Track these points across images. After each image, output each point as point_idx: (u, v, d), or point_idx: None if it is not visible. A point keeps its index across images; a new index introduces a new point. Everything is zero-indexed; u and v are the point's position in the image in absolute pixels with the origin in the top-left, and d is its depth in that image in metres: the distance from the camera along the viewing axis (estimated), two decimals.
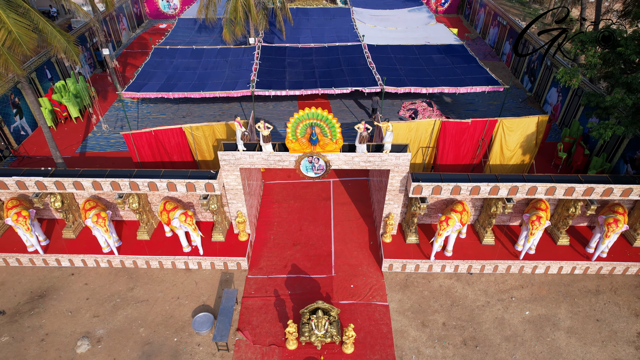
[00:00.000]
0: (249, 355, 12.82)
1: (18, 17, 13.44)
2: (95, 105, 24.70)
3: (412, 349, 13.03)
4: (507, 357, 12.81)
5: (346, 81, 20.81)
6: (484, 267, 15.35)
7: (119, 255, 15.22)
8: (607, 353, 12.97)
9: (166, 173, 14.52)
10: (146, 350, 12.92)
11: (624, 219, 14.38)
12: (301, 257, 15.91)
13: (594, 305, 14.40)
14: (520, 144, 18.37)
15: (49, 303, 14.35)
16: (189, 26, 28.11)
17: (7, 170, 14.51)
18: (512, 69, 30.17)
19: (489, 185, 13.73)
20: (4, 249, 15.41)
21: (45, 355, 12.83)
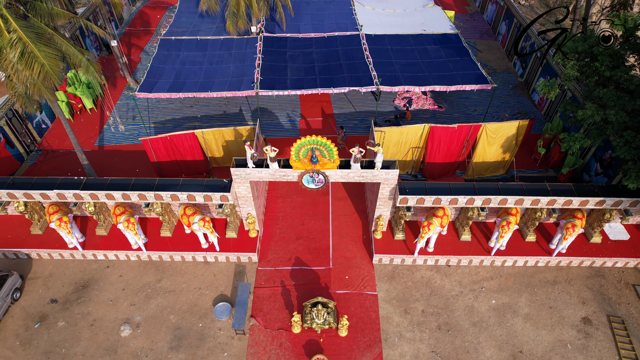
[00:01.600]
0: (261, 338, 15.78)
1: (47, 49, 14.98)
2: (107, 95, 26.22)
3: (395, 333, 15.98)
4: (473, 340, 15.78)
5: (344, 79, 22.29)
6: (461, 261, 18.01)
7: (146, 251, 17.80)
8: (554, 335, 15.94)
9: (185, 182, 16.74)
10: (177, 334, 15.87)
11: (582, 222, 16.78)
12: (303, 250, 18.53)
13: (550, 294, 17.21)
14: (501, 145, 20.38)
15: (92, 293, 17.15)
16: (191, 10, 28.80)
17: (47, 180, 16.68)
18: (506, 51, 31.22)
19: (465, 197, 15.99)
20: (48, 245, 17.97)
21: (95, 337, 15.79)
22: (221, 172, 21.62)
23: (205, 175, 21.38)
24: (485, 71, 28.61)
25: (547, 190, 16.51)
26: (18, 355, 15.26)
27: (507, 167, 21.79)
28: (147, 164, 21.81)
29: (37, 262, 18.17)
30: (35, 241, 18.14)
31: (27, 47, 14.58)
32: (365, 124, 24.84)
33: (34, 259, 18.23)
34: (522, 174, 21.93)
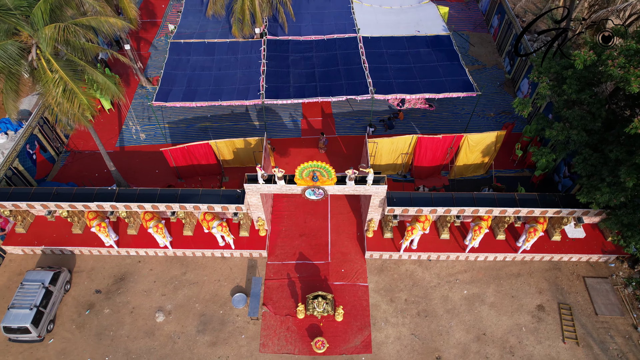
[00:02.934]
0: (272, 322, 19.37)
1: (84, 84, 17.39)
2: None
3: (382, 318, 19.54)
4: (446, 324, 19.38)
5: (342, 86, 24.53)
6: (439, 257, 21.32)
7: (172, 249, 21.06)
8: (513, 320, 19.52)
9: (204, 192, 19.69)
10: (202, 320, 19.44)
11: (542, 227, 19.89)
12: (306, 246, 21.79)
13: (513, 285, 20.65)
14: (481, 151, 23.11)
15: (128, 284, 20.59)
16: (197, 8, 30.32)
17: (85, 190, 19.60)
18: (497, 45, 32.99)
19: (443, 208, 18.99)
20: (88, 243, 21.20)
21: (136, 323, 19.38)
22: (232, 172, 24.48)
23: (218, 177, 24.23)
24: (476, 67, 30.91)
25: (515, 200, 19.49)
26: (76, 337, 18.90)
27: (487, 168, 24.59)
28: (166, 164, 24.57)
29: (79, 257, 21.48)
30: (77, 239, 21.35)
31: (67, 85, 17.01)
32: (361, 124, 27.34)
33: (77, 255, 21.53)
34: (500, 174, 24.78)
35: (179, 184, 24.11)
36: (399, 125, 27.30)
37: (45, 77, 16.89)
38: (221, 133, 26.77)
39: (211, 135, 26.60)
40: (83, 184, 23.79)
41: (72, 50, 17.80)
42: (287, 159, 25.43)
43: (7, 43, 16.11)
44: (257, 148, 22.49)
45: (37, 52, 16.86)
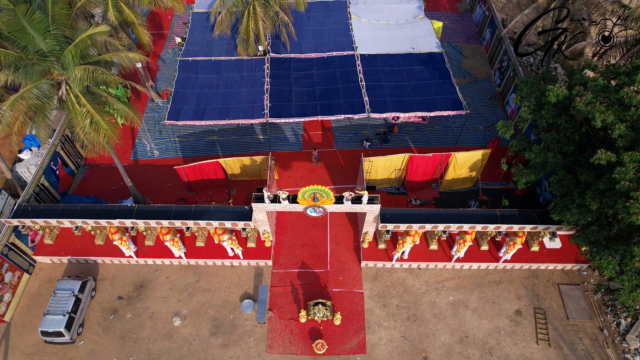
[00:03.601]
0: (277, 326, 21.83)
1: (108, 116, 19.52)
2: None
3: (376, 322, 22.00)
4: (432, 328, 21.84)
5: (340, 105, 26.52)
6: (428, 265, 23.69)
7: (186, 259, 23.42)
8: (493, 324, 21.98)
9: (215, 209, 21.96)
10: (215, 324, 21.91)
11: (521, 240, 22.18)
12: (307, 256, 24.14)
13: (494, 292, 23.07)
14: (468, 167, 25.29)
15: (147, 291, 23.01)
16: (203, 24, 32.11)
17: (107, 207, 21.87)
18: (489, 57, 34.85)
19: (430, 224, 21.28)
20: (109, 253, 23.55)
21: (155, 326, 21.85)
22: (239, 185, 26.69)
23: (226, 190, 26.44)
24: (468, 79, 32.92)
25: (497, 216, 21.77)
26: (103, 339, 21.39)
27: (474, 181, 26.80)
28: (178, 178, 26.72)
29: (102, 266, 23.87)
30: (99, 250, 23.71)
31: (94, 117, 19.13)
32: (359, 138, 29.45)
33: (100, 264, 23.91)
34: (487, 187, 27.00)
35: (190, 197, 26.35)
36: (393, 138, 29.42)
37: (74, 110, 19.00)
38: (228, 146, 28.92)
39: (219, 148, 28.75)
40: (111, 197, 25.99)
41: (97, 83, 19.87)
42: (289, 172, 27.62)
43: (42, 82, 18.17)
44: (263, 165, 24.66)
45: (67, 87, 18.93)
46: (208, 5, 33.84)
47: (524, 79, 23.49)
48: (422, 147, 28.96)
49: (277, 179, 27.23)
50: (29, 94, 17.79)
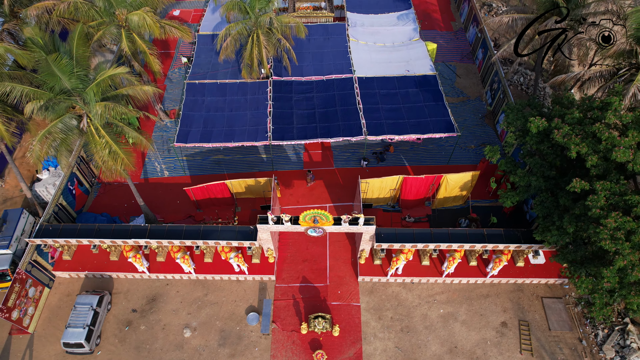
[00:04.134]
0: (280, 337, 23.73)
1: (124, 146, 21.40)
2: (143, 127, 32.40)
3: (371, 334, 23.90)
4: (424, 339, 23.74)
5: (339, 127, 28.38)
6: (421, 280, 25.58)
7: (195, 274, 25.32)
8: (480, 335, 23.88)
9: (223, 229, 23.84)
10: (222, 335, 23.81)
11: (507, 257, 24.06)
12: (308, 271, 26.03)
13: (482, 305, 24.96)
14: (459, 187, 27.16)
15: (159, 304, 24.90)
16: (208, 47, 33.99)
17: (122, 227, 23.76)
18: (481, 76, 36.69)
19: (422, 244, 23.16)
20: (123, 269, 25.43)
21: (167, 337, 23.75)
22: (243, 203, 28.57)
23: (232, 209, 28.32)
24: (461, 99, 34.82)
25: (484, 235, 23.66)
26: (119, 350, 23.30)
27: (465, 199, 28.67)
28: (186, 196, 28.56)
29: (117, 280, 25.76)
30: (114, 266, 25.60)
31: (112, 147, 21.01)
32: (356, 157, 31.31)
33: (114, 279, 25.80)
34: (477, 204, 28.87)
35: (198, 214, 28.23)
36: (389, 157, 31.29)
37: (94, 141, 20.87)
38: (233, 165, 30.80)
39: (224, 167, 30.63)
40: (124, 216, 27.86)
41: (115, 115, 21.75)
42: (291, 190, 29.51)
43: (66, 116, 20.05)
44: (266, 187, 26.56)
45: (88, 120, 20.79)
46: (213, 28, 35.77)
47: (511, 104, 25.36)
48: (417, 165, 30.85)
49: (280, 197, 29.10)
50: (55, 128, 19.67)
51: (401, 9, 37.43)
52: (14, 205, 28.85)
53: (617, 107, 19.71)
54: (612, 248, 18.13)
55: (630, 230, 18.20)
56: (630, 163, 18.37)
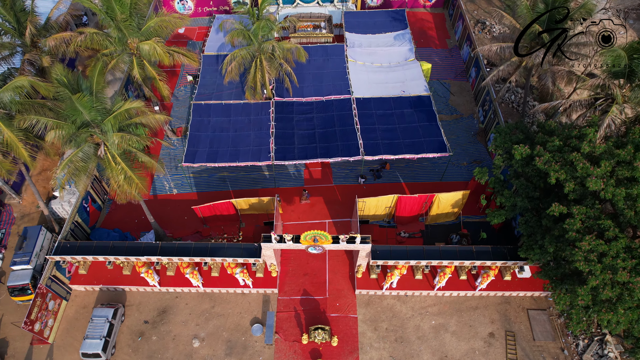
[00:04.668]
0: (283, 347, 25.63)
1: (139, 171, 23.28)
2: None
3: (368, 344, 25.80)
4: (417, 349, 25.63)
5: (337, 147, 30.22)
6: (414, 293, 27.47)
7: (202, 288, 27.22)
8: (469, 345, 25.77)
9: (229, 246, 25.74)
10: (229, 345, 25.71)
11: (494, 272, 25.91)
12: (308, 284, 27.92)
13: (471, 316, 26.85)
14: (451, 205, 29.03)
15: (169, 316, 26.80)
16: (213, 67, 35.84)
17: (134, 244, 25.63)
18: (474, 94, 38.52)
19: (415, 260, 25.04)
20: (135, 282, 27.31)
21: (177, 347, 25.65)
22: (247, 219, 30.42)
23: (237, 225, 30.19)
24: (454, 116, 36.67)
25: (473, 252, 25.54)
26: (132, 359, 25.21)
27: (457, 215, 30.54)
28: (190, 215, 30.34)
29: (129, 293, 27.65)
30: (126, 279, 27.48)
31: (127, 173, 22.89)
32: (354, 174, 33.16)
33: (127, 292, 27.69)
34: (468, 219, 30.73)
35: (204, 230, 30.12)
36: (386, 174, 33.15)
37: (110, 167, 22.75)
38: (237, 182, 32.67)
39: (229, 184, 32.50)
40: (135, 232, 29.76)
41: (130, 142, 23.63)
42: (292, 207, 31.38)
43: (86, 145, 21.93)
44: (269, 205, 28.46)
45: (105, 148, 22.66)
46: (217, 49, 37.61)
47: (499, 128, 27.23)
48: (412, 182, 32.71)
49: (282, 213, 30.97)
50: (76, 157, 21.56)
51: (398, 29, 39.22)
52: (32, 221, 30.75)
53: (592, 138, 21.58)
54: (585, 269, 20.01)
55: (602, 252, 20.06)
56: (602, 191, 20.22)
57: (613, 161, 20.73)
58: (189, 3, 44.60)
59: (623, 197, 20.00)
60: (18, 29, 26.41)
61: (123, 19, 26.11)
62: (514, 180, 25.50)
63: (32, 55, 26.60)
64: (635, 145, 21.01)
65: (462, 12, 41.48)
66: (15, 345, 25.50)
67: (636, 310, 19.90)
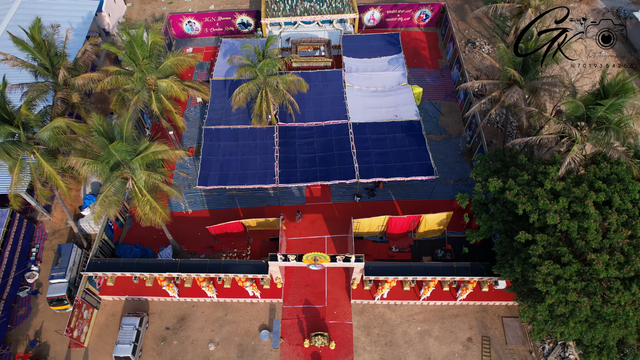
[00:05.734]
0: (287, 350, 29.79)
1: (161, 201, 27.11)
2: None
3: (361, 347, 29.93)
4: (404, 352, 29.76)
5: (335, 171, 33.96)
6: (402, 302, 31.53)
7: (216, 298, 31.28)
8: (449, 348, 29.90)
9: (240, 263, 29.72)
10: (240, 349, 29.86)
11: (472, 285, 29.90)
12: (309, 294, 31.97)
13: (452, 323, 30.94)
14: (437, 224, 32.92)
15: (188, 323, 30.91)
16: (221, 92, 39.39)
17: (156, 262, 29.60)
18: (462, 114, 42.09)
19: (402, 276, 29.01)
20: (157, 293, 31.37)
21: (195, 351, 29.81)
22: (255, 234, 34.33)
23: (246, 240, 34.13)
24: (443, 136, 40.31)
25: (454, 268, 29.50)
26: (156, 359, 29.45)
27: (442, 232, 34.44)
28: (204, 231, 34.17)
29: (152, 303, 31.73)
30: (149, 290, 31.55)
31: (152, 204, 26.73)
32: (350, 192, 36.98)
33: (150, 301, 31.77)
34: (452, 235, 34.64)
35: (216, 245, 34.07)
36: (379, 193, 36.96)
37: (137, 198, 26.56)
38: (245, 199, 36.50)
39: (237, 202, 36.35)
40: (155, 248, 33.73)
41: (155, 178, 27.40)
42: (295, 223, 35.27)
43: (117, 180, 25.72)
44: (275, 225, 32.37)
45: (133, 183, 26.45)
46: (225, 73, 41.13)
47: (480, 156, 30.98)
48: (403, 200, 36.53)
49: (285, 229, 34.88)
50: (109, 192, 25.38)
51: (392, 53, 42.59)
52: (62, 236, 34.72)
53: (554, 176, 25.31)
54: (544, 289, 23.95)
55: (558, 275, 23.97)
56: (559, 224, 24.04)
57: (570, 197, 24.52)
58: (196, 24, 47.89)
59: (576, 229, 23.82)
60: (52, 71, 29.98)
61: (145, 63, 29.67)
62: (491, 205, 29.29)
63: (64, 93, 30.20)
64: (590, 184, 24.78)
65: (453, 34, 44.80)
66: (55, 348, 29.67)
67: (584, 324, 23.87)
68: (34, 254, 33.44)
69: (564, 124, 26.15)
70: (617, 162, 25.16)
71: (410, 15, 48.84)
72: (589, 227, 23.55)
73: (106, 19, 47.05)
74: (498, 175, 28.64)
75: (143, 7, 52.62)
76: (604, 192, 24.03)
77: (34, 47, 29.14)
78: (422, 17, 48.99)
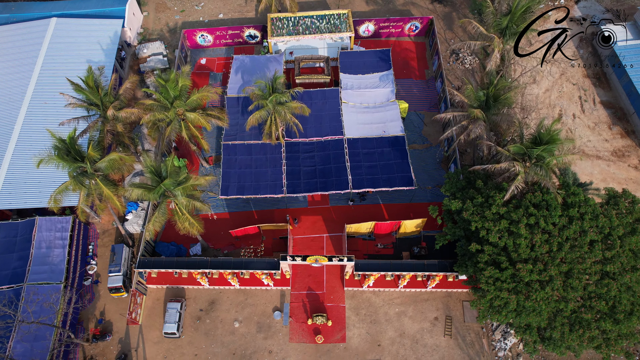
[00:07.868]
0: (295, 326, 39.49)
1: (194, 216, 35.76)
2: None
3: (352, 324, 39.58)
4: (384, 328, 39.43)
5: (332, 182, 42.16)
6: (385, 289, 40.89)
7: (239, 286, 40.64)
8: (420, 325, 39.56)
9: (257, 260, 38.83)
10: (259, 325, 39.54)
11: (439, 277, 39.07)
12: (312, 283, 41.29)
13: (423, 305, 40.43)
14: (414, 227, 41.72)
15: (216, 306, 40.43)
16: (235, 109, 46.84)
17: (191, 259, 38.67)
18: (442, 125, 49.68)
19: (385, 272, 38.13)
20: (192, 283, 40.65)
21: (224, 327, 39.50)
22: (267, 233, 43.23)
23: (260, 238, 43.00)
24: (425, 145, 48.34)
25: (424, 265, 38.60)
26: (194, 335, 39.14)
27: (419, 231, 43.25)
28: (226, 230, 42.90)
29: (187, 290, 41.13)
30: (185, 280, 40.83)
31: (190, 220, 35.32)
32: (345, 198, 45.45)
33: (186, 289, 41.15)
34: (428, 233, 43.48)
35: (236, 242, 43.02)
36: (369, 197, 45.43)
37: (178, 216, 35.18)
38: (257, 203, 45.04)
39: (252, 205, 44.92)
40: (187, 246, 42.72)
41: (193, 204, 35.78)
42: (299, 224, 44.04)
43: (163, 204, 34.17)
44: (284, 227, 41.14)
45: (175, 205, 34.89)
46: (237, 90, 48.44)
47: (449, 174, 39.26)
48: (389, 203, 45.07)
49: (292, 228, 43.71)
50: (157, 214, 33.93)
51: (383, 69, 49.60)
52: (110, 235, 43.66)
53: (499, 202, 33.71)
54: (485, 288, 33.04)
55: (496, 277, 32.95)
56: (499, 240, 32.74)
57: (509, 219, 33.05)
58: (208, 37, 54.41)
59: (512, 244, 32.52)
60: (102, 107, 37.68)
61: (177, 103, 37.27)
62: (456, 215, 37.88)
63: (112, 125, 38.05)
64: (525, 209, 33.23)
65: (438, 49, 51.53)
66: (117, 325, 39.39)
67: (513, 313, 33.13)
68: (90, 250, 42.47)
69: (512, 160, 34.19)
70: (547, 192, 33.47)
71: (401, 27, 55.18)
72: (520, 244, 32.28)
73: (128, 32, 53.57)
74: (463, 192, 37.04)
75: (158, 16, 58.76)
76: (533, 217, 32.56)
77: (89, 90, 36.69)
78: (413, 28, 55.33)
